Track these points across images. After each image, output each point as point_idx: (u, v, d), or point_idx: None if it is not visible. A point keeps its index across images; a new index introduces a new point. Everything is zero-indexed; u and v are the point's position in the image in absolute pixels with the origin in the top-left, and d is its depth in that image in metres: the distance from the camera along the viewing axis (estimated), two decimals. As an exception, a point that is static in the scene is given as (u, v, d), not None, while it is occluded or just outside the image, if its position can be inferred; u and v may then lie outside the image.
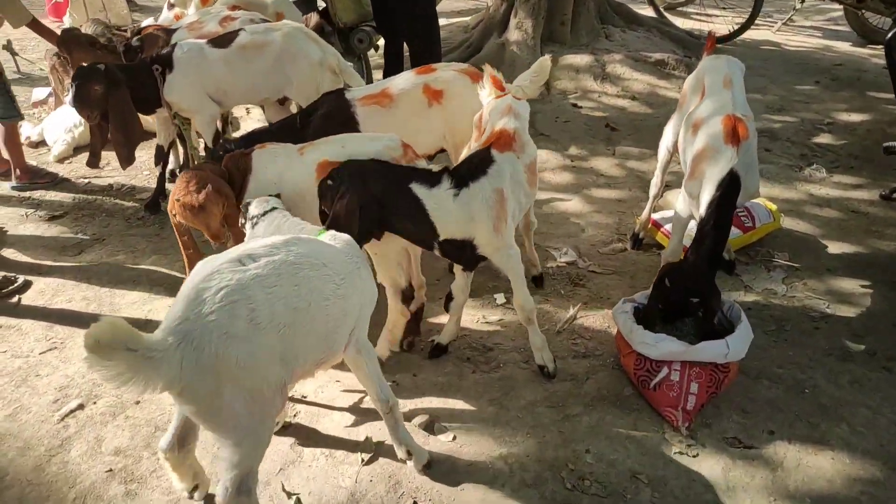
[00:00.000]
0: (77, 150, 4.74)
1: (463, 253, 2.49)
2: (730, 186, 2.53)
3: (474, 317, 3.04)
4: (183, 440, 1.97)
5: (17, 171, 4.15)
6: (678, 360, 2.46)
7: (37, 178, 4.23)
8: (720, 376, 2.47)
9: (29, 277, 3.31)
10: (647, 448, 2.34)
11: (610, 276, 3.37)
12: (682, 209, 2.80)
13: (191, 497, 2.10)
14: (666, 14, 7.26)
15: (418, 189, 2.32)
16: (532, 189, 2.68)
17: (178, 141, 4.07)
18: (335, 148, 2.44)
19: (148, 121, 4.16)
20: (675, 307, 2.59)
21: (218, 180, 2.39)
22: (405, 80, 3.00)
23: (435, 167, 2.51)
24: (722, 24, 7.08)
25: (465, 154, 2.68)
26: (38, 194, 4.16)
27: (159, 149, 3.89)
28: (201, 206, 2.33)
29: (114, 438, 2.34)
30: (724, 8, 7.92)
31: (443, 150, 3.17)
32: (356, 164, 2.32)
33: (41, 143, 4.85)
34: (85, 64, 3.27)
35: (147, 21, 5.81)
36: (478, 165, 2.43)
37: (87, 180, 4.35)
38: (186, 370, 1.55)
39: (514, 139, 2.56)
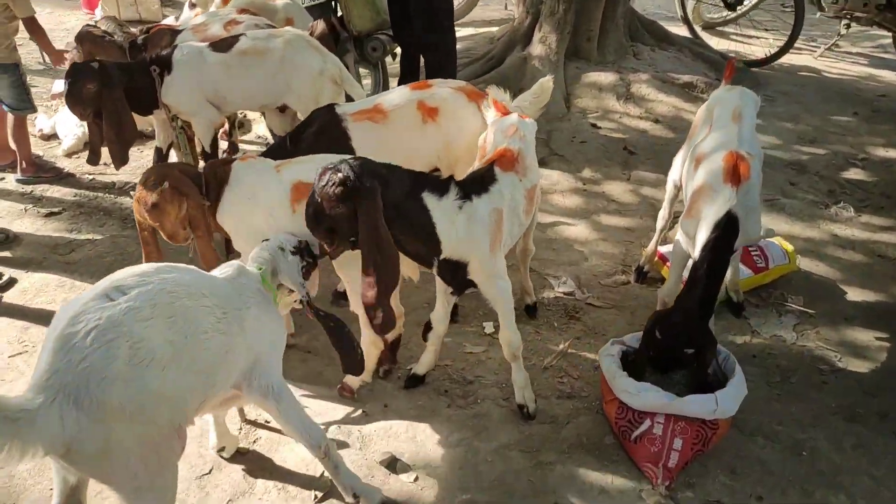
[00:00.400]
0: (87, 144, 4.74)
1: (456, 275, 2.37)
2: (727, 229, 2.37)
3: (458, 346, 2.92)
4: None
5: (24, 163, 4.17)
6: (662, 412, 2.31)
7: (42, 171, 4.24)
8: (708, 433, 2.31)
9: (15, 274, 3.29)
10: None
11: (609, 310, 3.22)
12: (681, 247, 2.64)
13: None
14: (702, 34, 7.04)
15: (429, 199, 2.18)
16: (527, 218, 2.57)
17: (177, 143, 4.03)
18: (311, 169, 2.35)
19: (147, 121, 4.14)
20: (667, 358, 2.43)
21: (181, 178, 2.32)
22: (399, 95, 2.90)
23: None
24: (762, 46, 6.83)
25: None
26: (40, 189, 4.17)
27: (158, 151, 3.86)
28: (154, 203, 2.28)
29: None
30: (766, 29, 7.66)
31: (436, 170, 3.06)
32: (369, 162, 2.13)
33: (53, 136, 4.87)
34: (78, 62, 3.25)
35: (168, 19, 5.84)
36: (481, 182, 2.32)
37: (91, 177, 4.35)
38: (69, 428, 1.44)
39: (517, 160, 2.45)
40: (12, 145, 4.15)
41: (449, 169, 2.96)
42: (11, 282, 3.24)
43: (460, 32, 7.45)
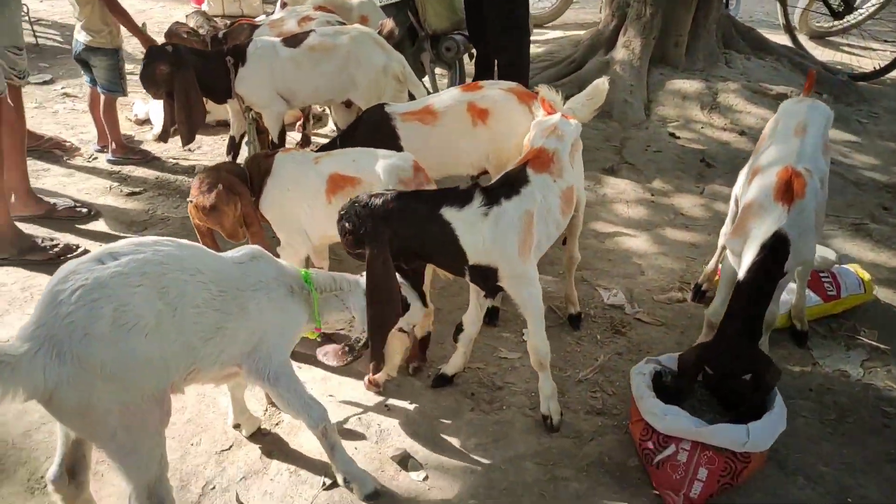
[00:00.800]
0: (175, 131, 5.05)
1: (486, 280, 2.36)
2: (775, 250, 2.22)
3: (493, 350, 2.89)
4: (73, 471, 1.87)
5: (114, 144, 4.48)
6: (688, 438, 2.19)
7: (130, 154, 4.54)
8: (738, 466, 2.17)
9: (89, 247, 3.54)
10: (631, 531, 2.10)
11: (658, 327, 3.09)
12: (730, 265, 2.50)
13: None
14: (809, 44, 6.63)
15: (449, 213, 2.17)
16: (564, 219, 2.50)
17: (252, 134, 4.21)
18: (346, 161, 2.40)
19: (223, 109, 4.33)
20: (725, 390, 2.31)
21: (232, 180, 2.42)
22: (450, 96, 2.91)
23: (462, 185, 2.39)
24: (873, 58, 6.35)
25: None
26: (127, 169, 4.46)
27: (231, 140, 4.05)
28: (212, 206, 2.37)
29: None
30: (885, 41, 7.11)
31: (486, 172, 3.05)
32: (375, 205, 2.12)
33: (146, 122, 5.21)
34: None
35: (260, 17, 6.11)
36: (511, 184, 2.29)
37: (175, 161, 4.62)
38: (50, 379, 1.52)
39: (552, 160, 2.40)
40: (103, 124, 4.46)
41: (498, 171, 2.93)
42: (84, 253, 3.49)
43: (548, 35, 7.40)
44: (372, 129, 2.89)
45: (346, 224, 2.13)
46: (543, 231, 2.36)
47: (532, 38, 7.12)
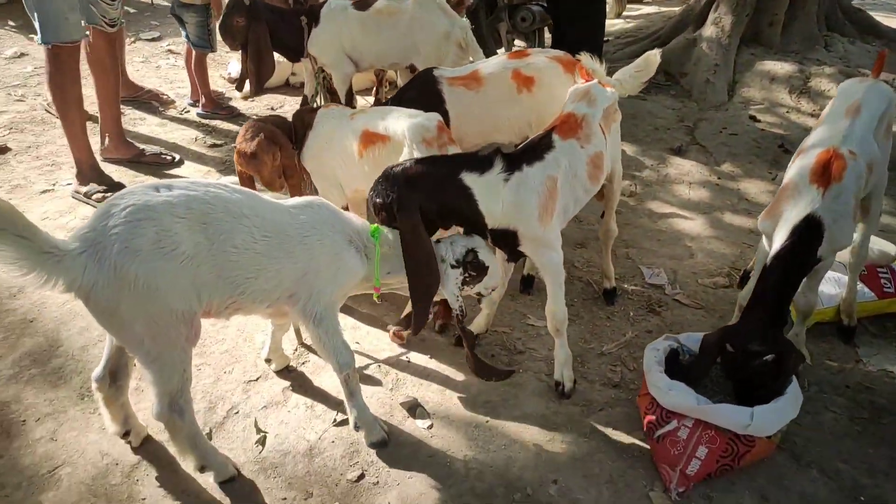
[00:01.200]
0: (265, 89, 5.32)
1: (507, 243, 2.38)
2: (805, 235, 2.14)
3: (522, 317, 2.94)
4: (115, 375, 2.09)
5: (203, 99, 4.80)
6: (690, 415, 2.18)
7: (218, 109, 4.85)
8: (739, 448, 2.14)
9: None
10: (622, 500, 2.12)
11: (696, 310, 3.03)
12: (764, 248, 2.42)
13: (126, 440, 2.23)
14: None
15: (468, 178, 2.22)
16: (593, 184, 2.49)
17: (323, 94, 4.40)
18: (375, 119, 2.50)
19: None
20: (745, 372, 2.25)
21: (274, 131, 2.58)
22: (496, 63, 2.93)
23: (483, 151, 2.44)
24: None
25: None
26: (214, 123, 4.78)
27: (304, 99, 4.24)
28: (253, 153, 2.54)
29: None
30: None
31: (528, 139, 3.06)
32: (398, 173, 2.18)
33: (236, 80, 5.51)
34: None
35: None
36: (535, 150, 2.32)
37: (257, 117, 4.89)
38: (87, 278, 1.70)
39: (580, 126, 2.41)
40: (194, 78, 4.78)
41: (535, 137, 2.95)
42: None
43: (641, 11, 7.17)
44: (420, 91, 2.97)
45: (377, 199, 2.18)
46: (570, 196, 2.37)
47: (626, 12, 6.96)
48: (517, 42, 5.19)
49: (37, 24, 3.15)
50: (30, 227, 1.66)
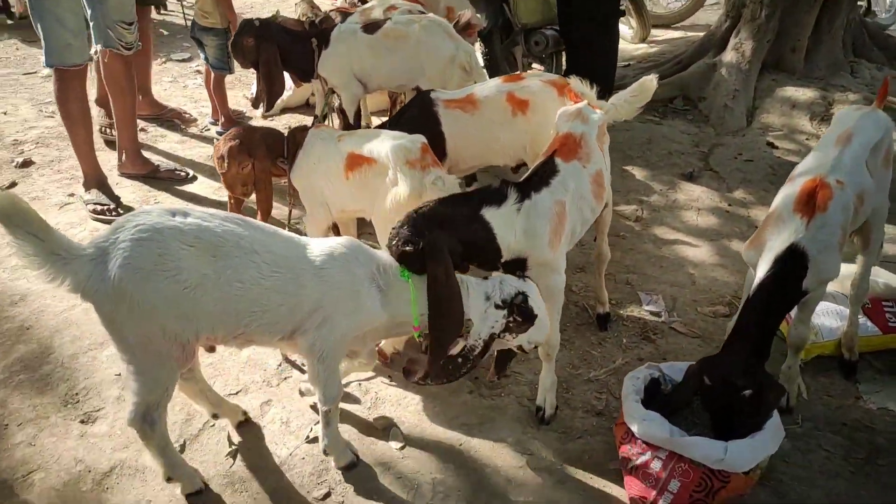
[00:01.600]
0: (284, 111, 5.45)
1: (516, 270, 2.34)
2: (789, 266, 2.08)
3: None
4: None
5: (222, 118, 4.93)
6: (664, 447, 2.12)
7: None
8: (714, 483, 2.06)
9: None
10: (589, 531, 2.07)
11: (692, 339, 2.96)
12: (751, 278, 2.36)
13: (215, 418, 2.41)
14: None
15: (488, 213, 2.17)
16: (598, 202, 2.47)
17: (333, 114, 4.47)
18: (361, 142, 2.53)
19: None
20: (721, 405, 2.18)
21: (255, 142, 2.63)
22: (491, 87, 2.95)
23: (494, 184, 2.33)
24: None
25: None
26: (232, 141, 4.88)
27: (314, 119, 4.31)
28: (221, 156, 2.62)
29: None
30: None
31: (524, 164, 3.06)
32: (425, 215, 2.09)
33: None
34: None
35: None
36: (541, 176, 2.30)
37: (275, 137, 4.99)
38: (91, 283, 1.78)
39: (579, 146, 2.39)
40: (214, 100, 4.91)
41: (535, 162, 2.94)
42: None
43: (666, 35, 7.10)
44: (417, 113, 2.99)
45: (405, 246, 2.03)
46: (578, 218, 2.36)
47: (651, 37, 6.90)
48: (535, 66, 5.21)
49: (43, 47, 3.30)
50: (44, 228, 1.76)
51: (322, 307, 1.99)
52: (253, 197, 2.82)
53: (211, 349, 2.62)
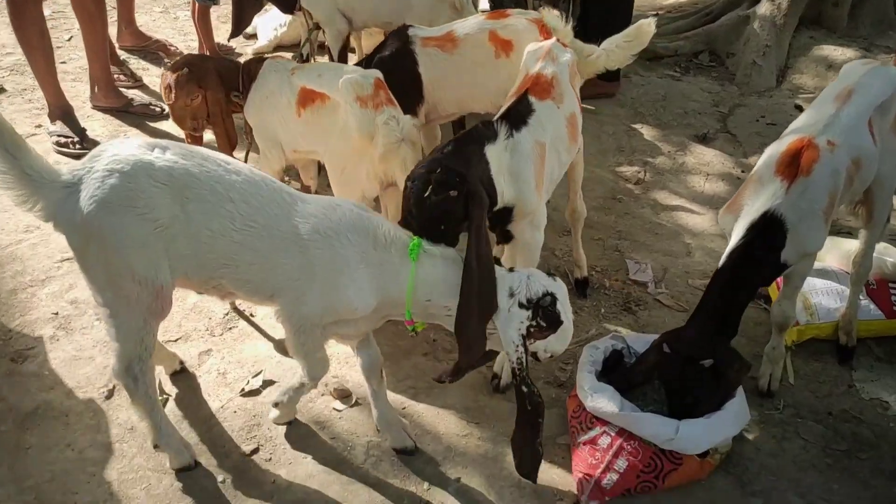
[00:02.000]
0: (278, 48, 5.39)
1: (503, 222, 2.24)
2: (763, 234, 1.99)
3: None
4: None
5: (208, 52, 4.88)
6: (613, 422, 2.08)
7: None
8: (664, 465, 2.03)
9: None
10: (526, 506, 2.05)
11: (678, 312, 2.89)
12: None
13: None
14: None
15: (489, 150, 2.07)
16: (573, 145, 2.42)
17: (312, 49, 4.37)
18: (313, 76, 2.47)
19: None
20: (679, 375, 2.13)
21: (206, 71, 2.57)
22: (473, 24, 2.84)
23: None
24: None
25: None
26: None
27: (299, 56, 4.25)
28: (168, 86, 2.57)
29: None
30: None
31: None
32: (453, 154, 1.98)
33: (253, 36, 5.59)
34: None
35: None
36: (518, 114, 2.21)
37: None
38: (63, 214, 1.77)
39: (552, 85, 2.32)
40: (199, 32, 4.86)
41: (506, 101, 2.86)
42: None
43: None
44: (392, 51, 2.91)
45: (450, 191, 1.88)
46: (556, 162, 2.31)
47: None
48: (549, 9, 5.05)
49: None
50: (18, 145, 1.74)
51: (300, 279, 1.88)
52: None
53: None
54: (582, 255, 2.91)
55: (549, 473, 2.15)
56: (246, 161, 2.86)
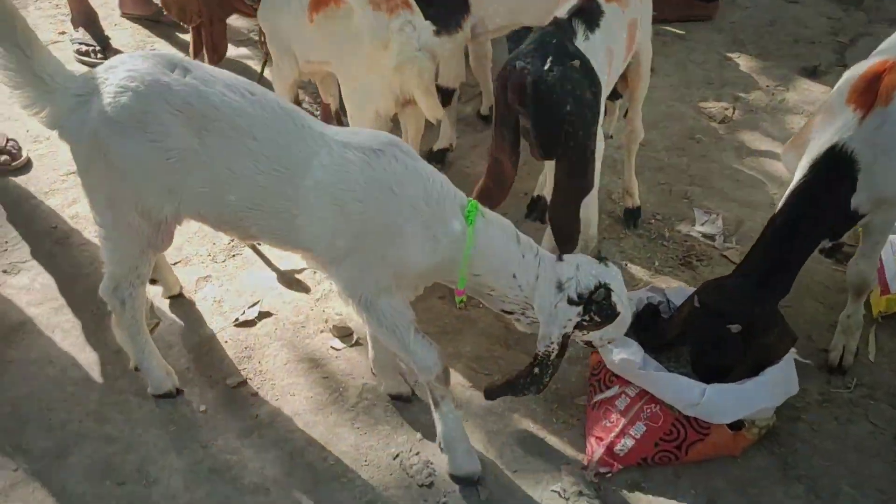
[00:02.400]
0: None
1: None
2: (827, 173, 1.91)
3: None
4: None
5: None
6: (634, 382, 2.07)
7: None
8: (688, 434, 2.02)
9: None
10: (528, 467, 2.09)
11: (745, 271, 2.82)
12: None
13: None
14: None
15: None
16: (628, 54, 2.49)
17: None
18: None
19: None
20: (704, 335, 2.10)
21: None
22: None
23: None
24: None
25: None
26: None
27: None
28: None
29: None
30: None
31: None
32: (563, 35, 2.14)
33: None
34: None
35: None
36: (591, 13, 2.25)
37: None
38: (69, 124, 1.85)
39: None
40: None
41: None
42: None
43: None
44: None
45: (547, 75, 2.01)
46: (616, 69, 2.40)
47: None
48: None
49: None
50: (31, 43, 1.81)
51: (343, 238, 1.87)
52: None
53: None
54: (634, 180, 2.93)
55: (560, 435, 2.18)
56: (262, 73, 2.96)
